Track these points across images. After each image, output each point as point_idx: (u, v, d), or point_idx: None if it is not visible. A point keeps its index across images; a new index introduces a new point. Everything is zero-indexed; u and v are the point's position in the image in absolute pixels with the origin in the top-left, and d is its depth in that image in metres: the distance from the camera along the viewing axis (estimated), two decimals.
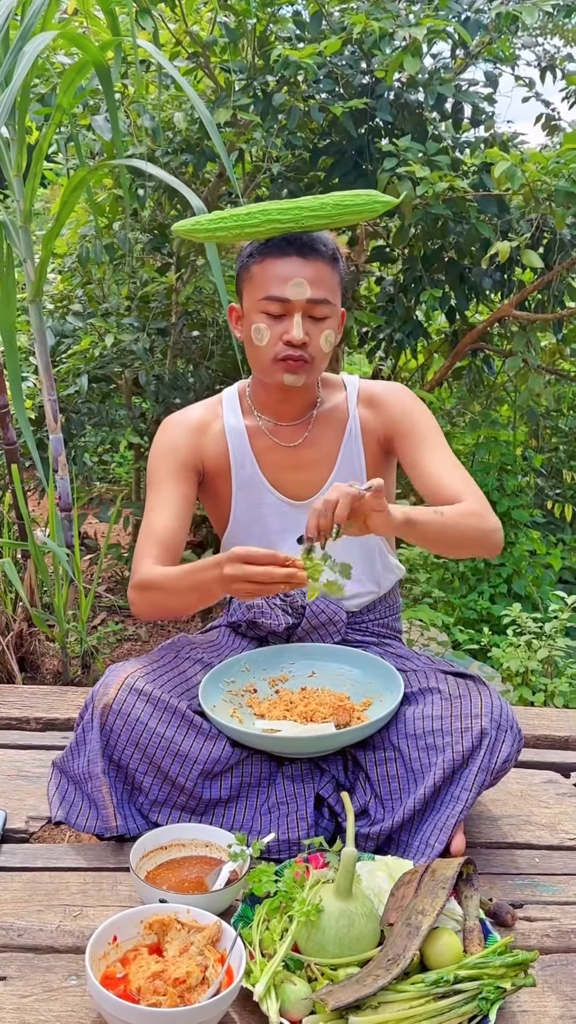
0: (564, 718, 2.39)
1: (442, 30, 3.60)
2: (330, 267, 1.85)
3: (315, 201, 1.82)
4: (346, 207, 1.84)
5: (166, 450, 1.97)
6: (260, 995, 1.33)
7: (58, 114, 2.90)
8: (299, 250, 1.83)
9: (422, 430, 1.95)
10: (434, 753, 1.70)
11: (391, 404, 1.98)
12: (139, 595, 1.86)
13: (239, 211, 1.84)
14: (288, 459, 1.97)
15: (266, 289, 1.83)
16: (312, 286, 1.82)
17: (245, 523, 2.00)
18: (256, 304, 1.85)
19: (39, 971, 1.42)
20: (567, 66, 4.31)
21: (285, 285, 1.81)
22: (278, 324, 1.84)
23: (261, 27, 3.80)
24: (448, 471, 1.89)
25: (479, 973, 1.37)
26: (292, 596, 1.95)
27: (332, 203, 1.83)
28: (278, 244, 1.84)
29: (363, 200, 1.86)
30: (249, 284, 1.87)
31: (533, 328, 4.15)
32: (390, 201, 1.88)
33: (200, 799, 1.73)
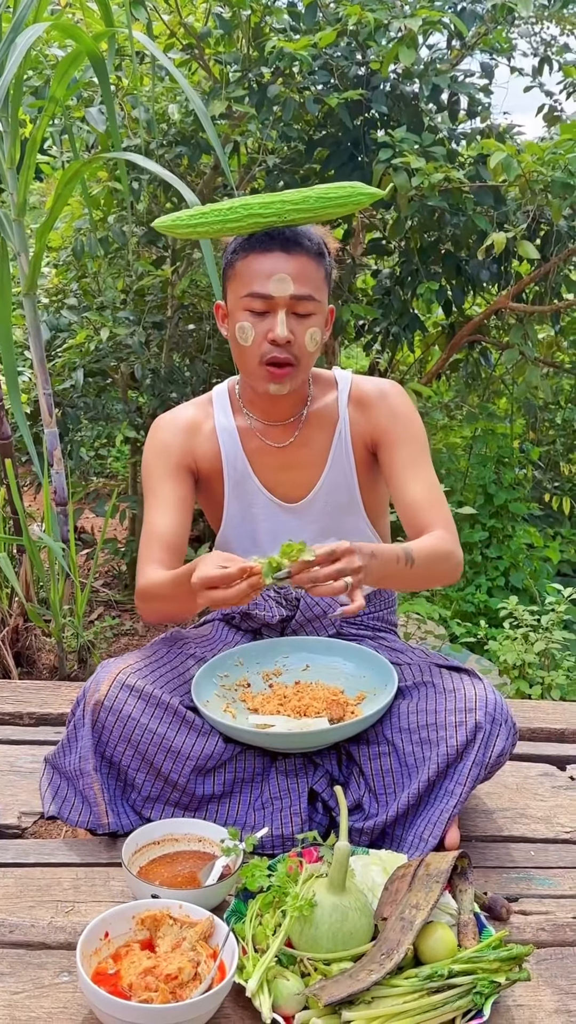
0: (560, 711, 2.39)
1: (438, 21, 3.59)
2: (315, 262, 1.82)
3: (298, 195, 1.78)
4: (329, 200, 1.80)
5: (159, 452, 1.96)
6: (253, 991, 1.32)
7: (52, 106, 2.88)
8: (282, 245, 1.79)
9: (407, 445, 1.93)
10: (428, 747, 1.69)
11: (379, 410, 1.94)
12: (142, 604, 1.90)
13: (220, 206, 1.80)
14: (279, 459, 1.96)
15: (249, 285, 1.80)
16: (296, 282, 1.78)
17: (238, 523, 1.99)
18: (240, 301, 1.82)
19: (31, 967, 1.41)
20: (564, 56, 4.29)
21: (268, 281, 1.78)
22: (262, 322, 1.80)
23: (256, 18, 3.78)
24: (425, 495, 1.88)
25: (473, 967, 1.36)
26: (286, 589, 1.95)
27: (315, 196, 1.79)
28: (260, 239, 1.80)
29: (347, 192, 1.82)
30: (233, 281, 1.84)
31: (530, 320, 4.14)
32: (375, 193, 1.84)
33: (193, 795, 1.73)
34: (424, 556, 1.77)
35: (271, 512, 1.97)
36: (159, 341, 4.04)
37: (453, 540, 1.86)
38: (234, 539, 2.00)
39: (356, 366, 5.90)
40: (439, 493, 1.92)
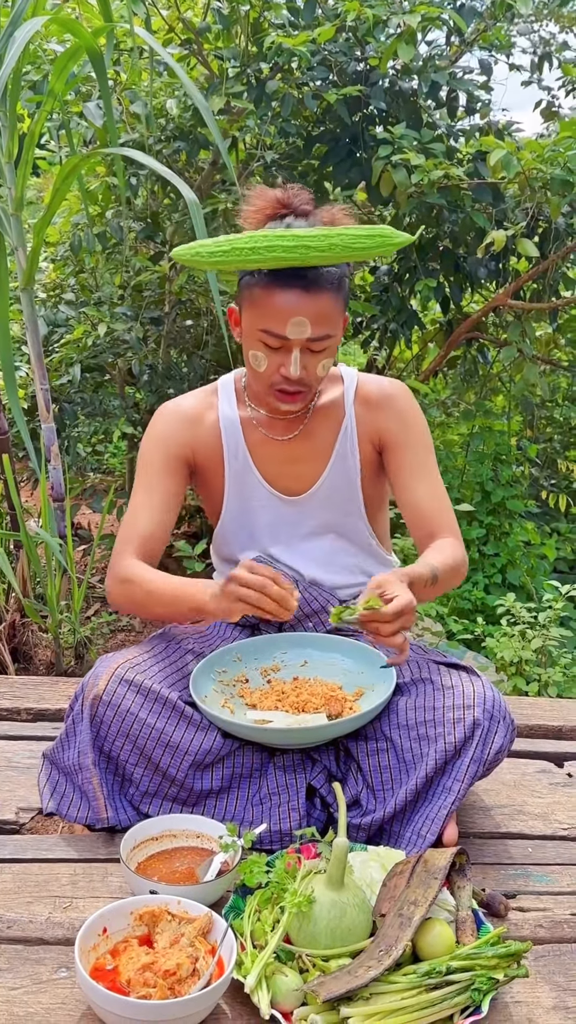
0: (558, 708, 2.39)
1: (437, 17, 3.58)
2: (334, 296, 1.77)
3: (323, 241, 1.71)
4: (355, 249, 1.74)
5: (158, 441, 1.96)
6: (251, 987, 1.32)
7: (50, 101, 2.88)
8: (303, 284, 1.74)
9: (414, 448, 1.94)
10: (426, 744, 1.69)
11: (388, 411, 1.95)
12: (120, 588, 1.88)
13: (241, 243, 1.74)
14: (282, 452, 1.96)
15: (265, 322, 1.76)
16: (313, 324, 1.75)
17: (236, 514, 1.99)
18: (255, 331, 1.79)
19: (28, 963, 1.41)
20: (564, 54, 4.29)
21: (285, 323, 1.74)
22: (275, 355, 1.79)
23: (255, 14, 3.77)
24: (432, 500, 1.92)
25: (472, 964, 1.36)
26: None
27: (341, 245, 1.72)
28: (281, 276, 1.75)
29: (375, 242, 1.76)
30: (249, 304, 1.81)
31: (528, 317, 4.14)
32: (405, 240, 1.79)
33: (191, 790, 1.72)
34: (444, 571, 1.81)
35: (271, 505, 1.97)
36: (156, 337, 4.03)
37: (462, 546, 1.91)
38: (232, 531, 2.00)
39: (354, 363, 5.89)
40: (445, 497, 1.96)
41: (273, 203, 1.83)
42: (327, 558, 1.99)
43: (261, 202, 1.84)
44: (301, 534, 1.98)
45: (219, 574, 2.11)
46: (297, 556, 1.98)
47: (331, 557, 1.99)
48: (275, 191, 1.84)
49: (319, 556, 1.99)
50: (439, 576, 1.80)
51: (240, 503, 1.98)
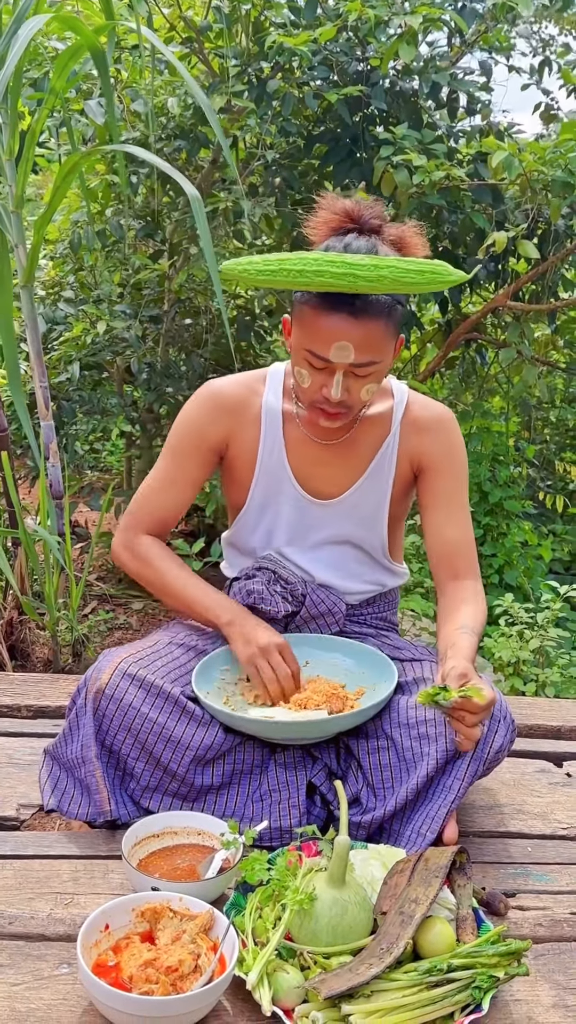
0: (556, 708, 2.40)
1: (438, 18, 3.58)
2: (384, 323, 1.73)
3: (372, 271, 1.66)
4: (404, 283, 1.69)
5: (192, 424, 1.95)
6: (253, 983, 1.32)
7: (51, 99, 2.87)
8: (351, 310, 1.70)
9: (453, 481, 1.95)
10: (427, 743, 1.69)
11: (436, 438, 1.94)
12: (133, 564, 1.97)
13: (290, 264, 1.69)
14: (319, 454, 1.94)
15: (310, 342, 1.74)
16: (358, 350, 1.71)
17: (259, 508, 1.98)
18: (301, 350, 1.77)
19: (30, 959, 1.41)
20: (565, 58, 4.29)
21: (329, 347, 1.71)
22: (319, 375, 1.77)
23: (256, 13, 3.77)
24: (461, 538, 1.94)
25: (472, 962, 1.36)
26: (293, 584, 1.94)
27: (390, 278, 1.67)
28: (330, 299, 1.71)
29: (425, 279, 1.71)
30: (299, 321, 1.78)
31: (527, 319, 4.14)
32: (458, 278, 1.74)
33: (192, 785, 1.73)
34: (481, 630, 1.85)
35: (296, 504, 1.95)
36: (156, 335, 4.03)
37: (482, 589, 1.96)
38: (251, 524, 2.00)
39: None
40: (471, 533, 1.98)
41: (340, 215, 1.79)
42: (340, 564, 1.99)
43: (328, 213, 1.80)
44: (318, 538, 1.97)
45: (228, 562, 2.11)
46: (310, 559, 1.97)
47: (344, 564, 1.99)
48: (346, 201, 1.80)
49: (332, 562, 1.98)
50: (477, 635, 1.83)
51: (265, 497, 1.97)
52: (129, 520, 1.98)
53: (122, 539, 1.98)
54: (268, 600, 1.93)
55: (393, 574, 2.06)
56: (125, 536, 1.97)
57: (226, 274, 1.80)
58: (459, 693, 1.59)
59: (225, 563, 2.13)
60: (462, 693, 1.59)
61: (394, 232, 1.80)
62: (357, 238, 1.76)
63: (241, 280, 1.80)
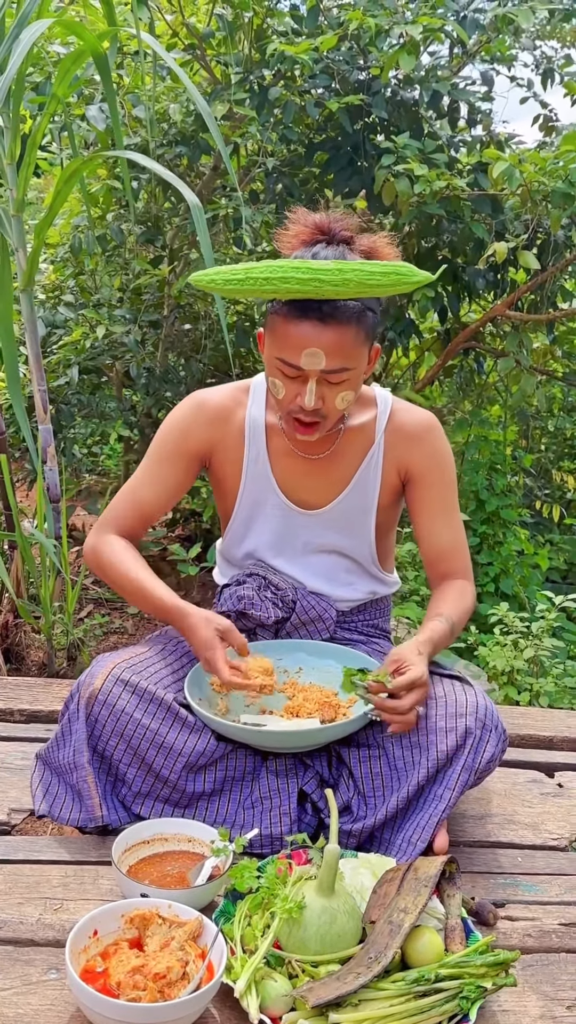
0: (549, 718, 2.40)
1: (439, 28, 3.60)
2: (354, 328, 1.73)
3: (337, 275, 1.66)
4: (370, 285, 1.69)
5: (177, 431, 1.95)
6: (241, 991, 1.32)
7: (53, 103, 2.88)
8: (319, 316, 1.70)
9: (442, 488, 1.95)
10: (418, 752, 1.70)
11: (422, 448, 1.93)
12: (98, 567, 1.92)
13: (256, 273, 1.71)
14: (303, 466, 1.94)
15: (281, 351, 1.75)
16: (328, 356, 1.72)
17: (246, 518, 1.98)
18: (273, 359, 1.78)
19: (18, 964, 1.41)
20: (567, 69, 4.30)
21: (299, 353, 1.72)
22: (292, 384, 1.77)
23: (258, 20, 3.79)
24: (452, 542, 1.95)
25: (460, 972, 1.37)
26: (283, 591, 1.95)
27: (355, 280, 1.67)
28: (299, 306, 1.72)
29: (390, 280, 1.71)
30: (270, 332, 1.79)
31: (525, 328, 4.15)
32: (423, 279, 1.74)
33: (183, 792, 1.73)
34: (459, 621, 1.86)
35: (282, 515, 1.96)
36: (155, 340, 4.03)
37: (473, 588, 1.96)
38: (239, 534, 2.00)
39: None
40: (463, 537, 1.98)
41: (311, 228, 1.79)
42: (329, 573, 1.99)
43: (298, 227, 1.81)
44: (306, 548, 1.97)
45: (219, 570, 2.12)
46: (299, 567, 1.98)
47: (333, 573, 1.99)
48: (316, 215, 1.81)
49: (320, 571, 1.98)
50: (455, 627, 1.84)
51: (252, 508, 1.97)
52: (101, 520, 1.96)
53: (92, 539, 1.95)
54: (258, 605, 1.94)
55: (383, 583, 2.06)
56: (95, 536, 1.94)
57: (195, 284, 1.80)
58: (372, 678, 1.65)
59: (217, 570, 2.13)
60: (375, 678, 1.64)
61: (365, 243, 1.79)
62: (325, 248, 1.77)
63: (210, 290, 1.80)
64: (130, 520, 1.95)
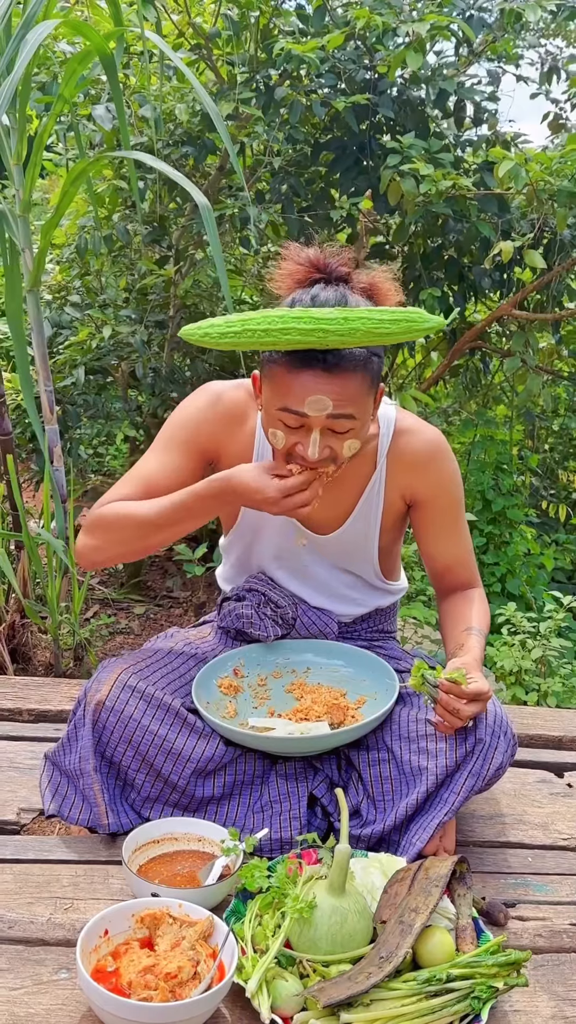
0: (558, 718, 2.39)
1: (445, 27, 3.59)
2: (360, 375, 1.62)
3: (343, 325, 1.54)
4: (379, 334, 1.57)
5: (194, 421, 1.84)
6: (252, 991, 1.32)
7: (59, 103, 2.88)
8: (324, 366, 1.60)
9: (450, 510, 1.91)
10: (427, 757, 1.68)
11: (428, 475, 1.86)
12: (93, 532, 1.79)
13: (254, 324, 1.58)
14: None
15: (283, 400, 1.62)
16: (335, 403, 1.60)
17: (249, 528, 1.94)
18: (273, 410, 1.65)
19: (29, 964, 1.41)
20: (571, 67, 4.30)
21: (303, 401, 1.60)
22: (294, 433, 1.65)
23: (264, 20, 3.78)
24: (460, 556, 1.95)
25: (471, 972, 1.36)
26: (283, 608, 1.93)
27: (363, 330, 1.55)
28: (301, 356, 1.60)
29: (400, 328, 1.58)
30: (268, 381, 1.67)
31: (531, 328, 4.15)
32: (435, 325, 1.62)
33: (193, 797, 1.72)
34: (487, 630, 1.87)
35: (285, 531, 1.89)
36: (160, 340, 4.03)
37: (484, 593, 1.97)
38: (243, 543, 1.98)
39: None
40: (470, 547, 1.97)
41: (305, 266, 1.69)
42: (331, 590, 1.96)
43: (292, 265, 1.70)
44: (308, 564, 1.94)
45: (223, 575, 2.10)
46: (301, 583, 1.95)
47: (336, 589, 1.97)
48: (310, 251, 1.70)
49: (324, 587, 1.96)
50: (484, 636, 1.84)
51: (256, 518, 1.91)
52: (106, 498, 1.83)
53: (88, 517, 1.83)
54: (257, 624, 1.92)
55: (388, 594, 2.03)
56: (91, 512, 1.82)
57: (186, 339, 1.67)
58: (447, 676, 1.62)
59: (220, 570, 2.11)
60: (449, 676, 1.62)
61: (364, 279, 1.69)
62: (324, 288, 1.66)
63: (203, 345, 1.66)
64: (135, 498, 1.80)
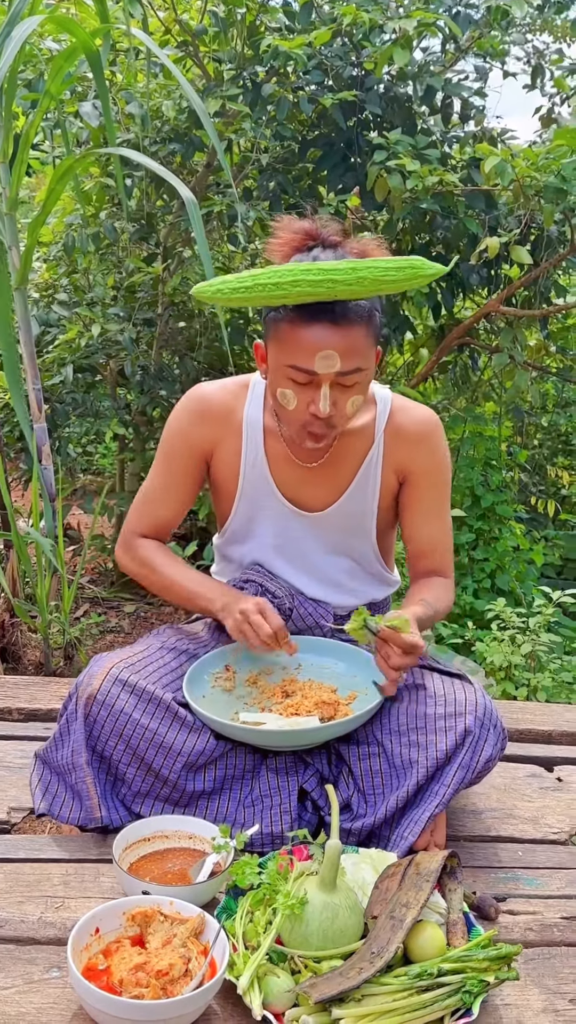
0: (547, 712, 2.40)
1: (432, 23, 3.59)
2: (365, 329, 1.70)
3: (351, 275, 1.62)
4: (385, 282, 1.65)
5: (183, 431, 1.94)
6: (243, 988, 1.32)
7: (46, 101, 2.87)
8: (331, 317, 1.67)
9: (436, 489, 1.95)
10: (417, 750, 1.69)
11: (422, 450, 1.92)
12: (136, 569, 1.99)
13: (264, 279, 1.65)
14: (301, 468, 1.92)
15: (292, 357, 1.70)
16: (343, 358, 1.68)
17: (245, 520, 1.97)
18: (282, 368, 1.73)
19: (20, 963, 1.41)
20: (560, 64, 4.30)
21: (313, 357, 1.67)
22: (304, 391, 1.72)
23: (251, 17, 3.78)
24: (439, 541, 1.98)
25: (462, 966, 1.37)
26: (280, 599, 1.93)
27: (370, 278, 1.63)
28: (309, 310, 1.67)
29: (405, 275, 1.66)
30: (275, 341, 1.74)
31: (519, 324, 4.15)
32: (437, 271, 1.68)
33: (184, 791, 1.72)
34: (438, 614, 1.90)
35: (281, 517, 1.94)
36: (149, 338, 4.02)
37: (452, 588, 2.00)
38: (239, 536, 1.99)
39: None
40: (450, 538, 2.00)
41: (300, 234, 1.76)
42: (331, 579, 1.98)
43: (287, 234, 1.77)
44: (307, 551, 1.96)
45: (218, 569, 2.11)
46: (300, 572, 1.97)
47: (335, 578, 1.98)
48: (303, 222, 1.78)
49: (322, 576, 1.97)
50: (434, 618, 1.87)
51: (251, 510, 1.95)
52: (127, 528, 2.00)
53: (122, 546, 2.00)
54: None
55: (385, 584, 2.05)
56: (124, 541, 2.00)
57: (199, 296, 1.75)
58: (387, 623, 1.65)
59: (215, 568, 2.12)
60: (390, 623, 1.65)
61: (356, 246, 1.75)
62: (323, 251, 1.73)
63: (215, 301, 1.74)
64: (155, 527, 1.99)
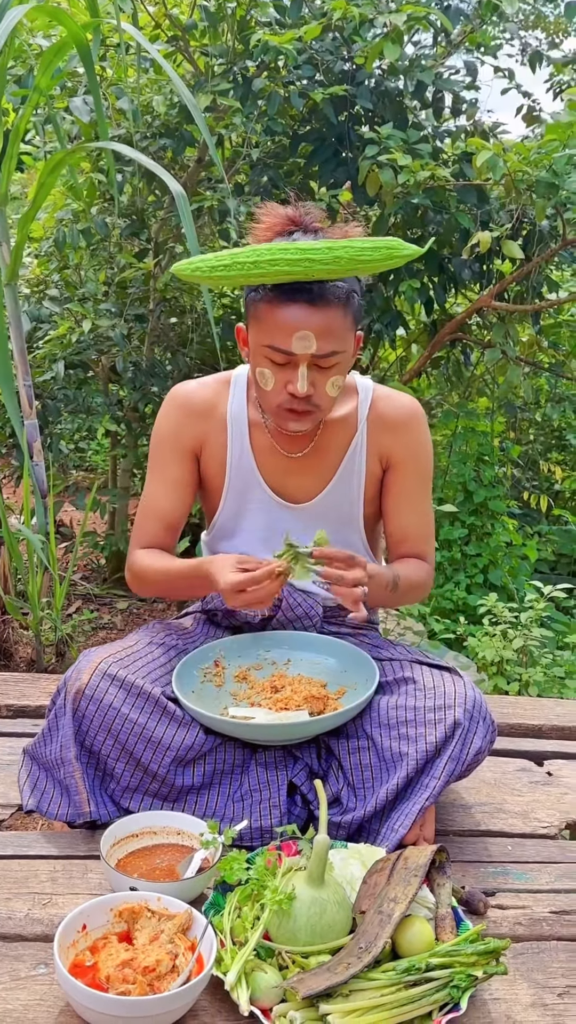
0: (538, 707, 2.40)
1: (423, 17, 3.58)
2: (343, 311, 1.73)
3: (328, 254, 1.65)
4: (361, 261, 1.68)
5: (169, 432, 1.96)
6: (231, 983, 1.32)
7: (36, 96, 2.86)
8: (308, 298, 1.70)
9: (417, 477, 1.97)
10: (407, 743, 1.69)
11: (404, 436, 1.94)
12: (137, 583, 1.99)
13: (243, 257, 1.69)
14: (287, 462, 1.93)
15: (270, 337, 1.73)
16: (320, 339, 1.70)
17: (232, 514, 1.98)
18: (261, 348, 1.76)
19: (7, 959, 1.40)
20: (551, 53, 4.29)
21: (290, 337, 1.70)
22: (282, 371, 1.75)
23: (241, 11, 3.77)
24: (418, 528, 1.99)
25: (451, 961, 1.36)
26: None
27: (346, 257, 1.66)
28: (286, 290, 1.71)
29: (381, 255, 1.70)
30: (255, 322, 1.77)
31: (511, 319, 4.15)
32: (413, 252, 1.73)
33: (172, 786, 1.72)
34: (406, 585, 1.90)
35: (269, 509, 1.95)
36: (141, 334, 4.02)
37: (430, 573, 1.99)
38: (227, 530, 1.99)
39: None
40: (431, 526, 2.01)
41: (283, 220, 1.79)
42: None
43: (270, 219, 1.81)
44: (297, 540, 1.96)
45: None
46: None
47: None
48: (286, 208, 1.81)
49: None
50: (400, 585, 1.87)
51: (238, 504, 1.96)
52: (132, 542, 2.01)
53: (128, 568, 2.01)
54: None
55: None
56: (127, 562, 2.00)
57: (178, 275, 1.78)
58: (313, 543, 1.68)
59: None
60: (315, 541, 1.68)
61: (338, 232, 1.79)
62: (304, 235, 1.76)
63: (194, 280, 1.78)
64: (158, 534, 1.98)
